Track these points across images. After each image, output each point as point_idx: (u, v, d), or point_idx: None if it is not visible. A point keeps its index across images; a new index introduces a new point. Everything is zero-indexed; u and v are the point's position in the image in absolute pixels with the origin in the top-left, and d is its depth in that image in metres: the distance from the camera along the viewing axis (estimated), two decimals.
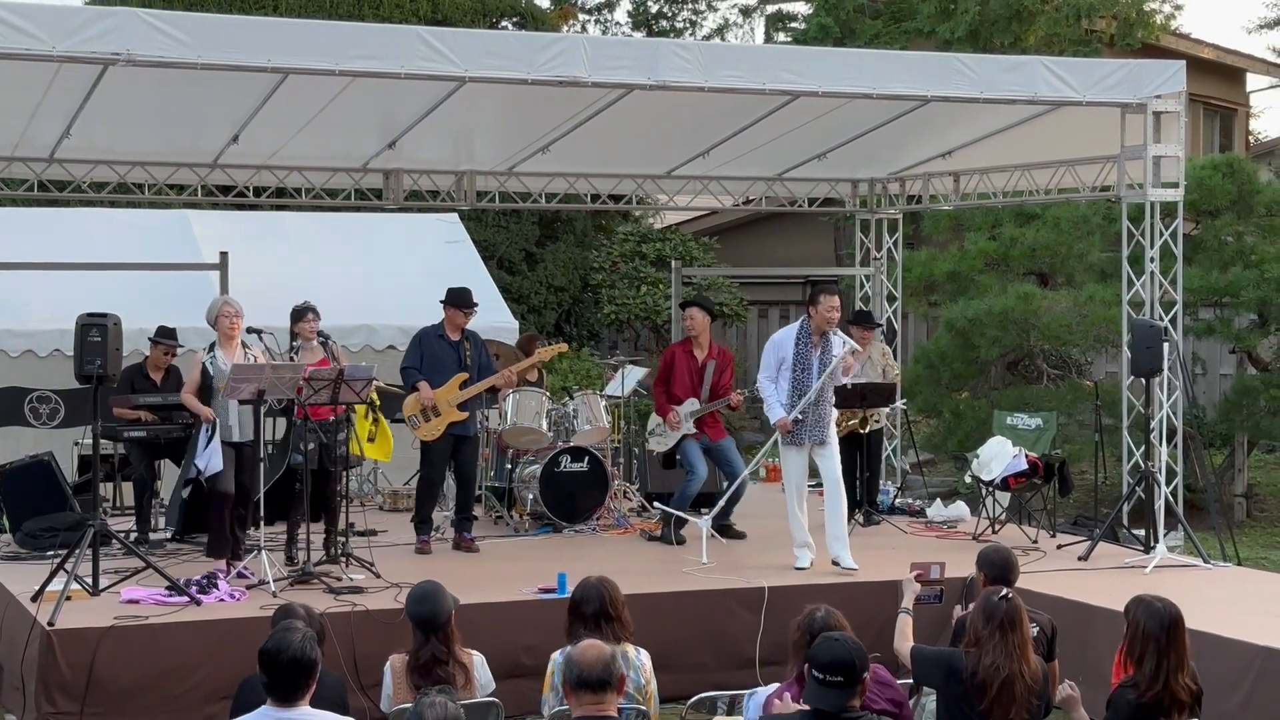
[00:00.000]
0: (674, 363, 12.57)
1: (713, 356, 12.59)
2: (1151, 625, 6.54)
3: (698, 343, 12.60)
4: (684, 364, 12.54)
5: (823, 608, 6.65)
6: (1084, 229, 17.04)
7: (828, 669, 5.75)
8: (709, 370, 12.50)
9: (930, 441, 17.89)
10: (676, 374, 12.52)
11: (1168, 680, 6.47)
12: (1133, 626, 6.61)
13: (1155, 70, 12.25)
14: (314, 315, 11.15)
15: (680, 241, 22.73)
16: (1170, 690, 6.47)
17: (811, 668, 5.81)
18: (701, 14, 30.96)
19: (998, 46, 21.53)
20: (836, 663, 5.76)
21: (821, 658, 5.78)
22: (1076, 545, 11.86)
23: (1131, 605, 6.72)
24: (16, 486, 12.08)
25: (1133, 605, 6.72)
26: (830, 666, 5.76)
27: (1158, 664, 6.49)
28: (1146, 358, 11.61)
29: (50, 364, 14.53)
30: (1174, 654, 6.51)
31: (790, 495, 11.20)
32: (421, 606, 7.00)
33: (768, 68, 11.46)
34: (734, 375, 12.94)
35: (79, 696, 8.75)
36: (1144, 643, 6.54)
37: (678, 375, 12.51)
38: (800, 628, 6.54)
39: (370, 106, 12.23)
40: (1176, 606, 6.64)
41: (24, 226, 15.64)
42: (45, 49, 9.59)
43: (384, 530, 12.33)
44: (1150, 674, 6.50)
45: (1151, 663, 6.50)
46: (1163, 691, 6.46)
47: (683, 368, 12.52)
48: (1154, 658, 6.50)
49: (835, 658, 5.77)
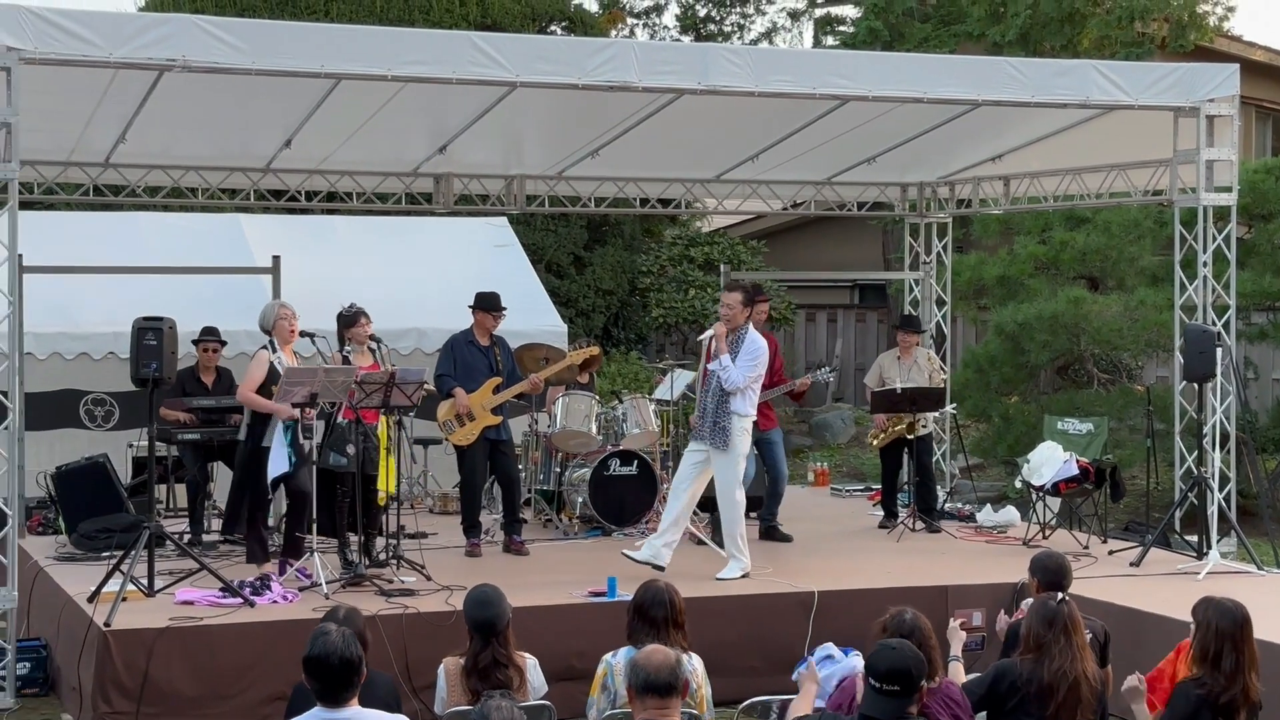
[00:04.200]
0: None
1: None
2: (1225, 623, 6.57)
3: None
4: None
5: (910, 611, 6.59)
6: (1135, 233, 16.95)
7: (885, 678, 5.75)
8: None
9: (979, 446, 17.83)
10: None
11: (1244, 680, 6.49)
12: (1204, 627, 6.62)
13: (1208, 73, 12.17)
14: (367, 319, 11.20)
15: (728, 245, 22.74)
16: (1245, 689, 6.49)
17: (868, 675, 5.81)
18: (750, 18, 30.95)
19: (1049, 50, 21.44)
20: (894, 672, 5.76)
21: (879, 666, 5.78)
22: (1128, 551, 11.82)
23: (1200, 606, 6.76)
24: (72, 488, 12.20)
25: (1201, 606, 6.76)
26: (888, 675, 5.75)
27: (1236, 661, 6.50)
28: (1199, 362, 11.55)
29: (105, 367, 14.67)
30: (1249, 652, 6.54)
31: (724, 505, 11.02)
32: (482, 611, 7.02)
33: (817, 72, 11.45)
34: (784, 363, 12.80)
35: (135, 697, 8.83)
36: (1219, 640, 6.55)
37: None
38: (886, 628, 6.50)
39: (421, 111, 12.29)
40: (1244, 606, 6.68)
41: (79, 231, 15.77)
42: (102, 55, 9.66)
43: (434, 533, 12.39)
44: (1229, 671, 6.51)
45: (1230, 660, 6.52)
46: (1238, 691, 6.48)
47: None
48: (1231, 655, 6.51)
49: (893, 666, 5.76)
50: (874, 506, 14.42)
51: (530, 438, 13.53)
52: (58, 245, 14.40)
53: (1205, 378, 11.68)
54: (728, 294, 11.23)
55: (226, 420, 12.27)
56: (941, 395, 13.65)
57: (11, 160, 9.55)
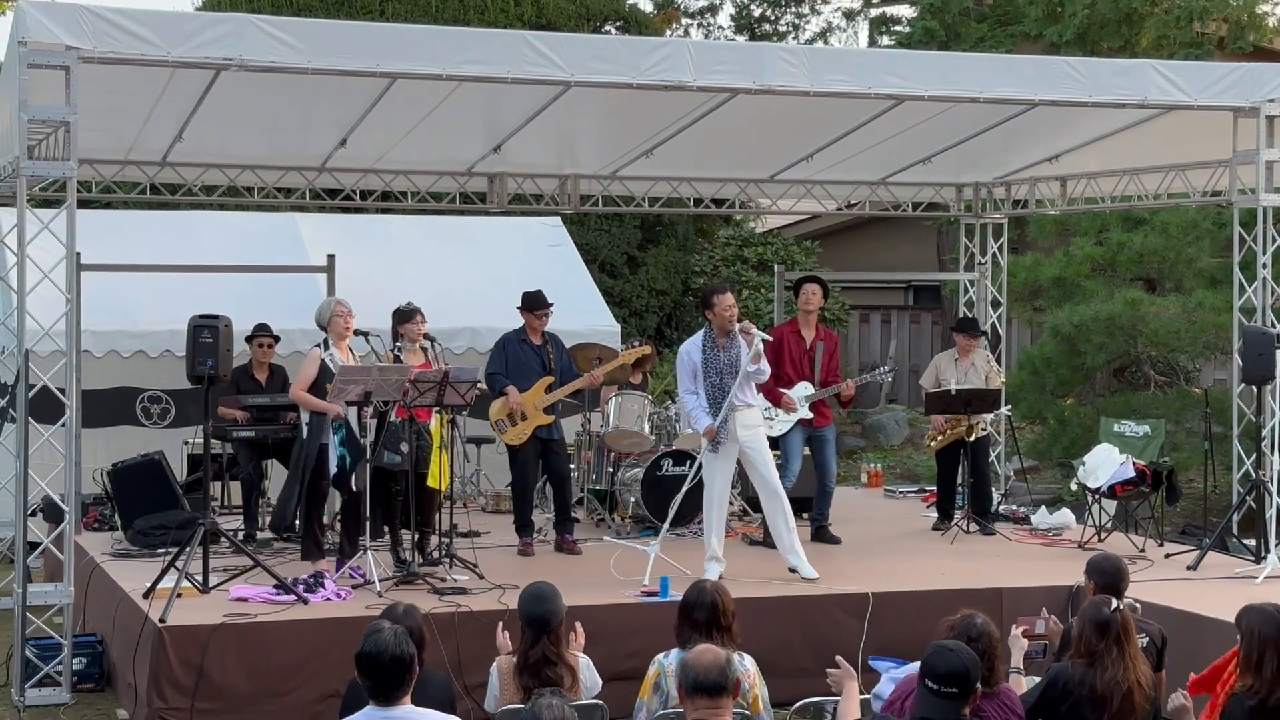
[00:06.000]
0: (782, 343, 12.41)
1: (820, 338, 12.50)
2: (1269, 629, 6.52)
3: (806, 323, 12.49)
4: (793, 344, 12.44)
5: (981, 616, 6.48)
6: (1193, 234, 16.81)
7: (944, 680, 5.72)
8: (819, 352, 12.41)
9: (1035, 448, 17.72)
10: (787, 354, 12.39)
11: None
12: (1247, 635, 6.57)
13: (1269, 74, 12.06)
14: (421, 317, 11.22)
15: (782, 245, 22.69)
16: None
17: (925, 677, 5.77)
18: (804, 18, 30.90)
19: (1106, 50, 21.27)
20: (953, 674, 5.72)
21: (939, 668, 5.74)
22: (1185, 554, 11.71)
23: (1243, 615, 6.71)
24: (128, 485, 12.29)
25: (1244, 614, 6.71)
26: (947, 678, 5.72)
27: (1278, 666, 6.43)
28: (1258, 365, 11.44)
29: (161, 364, 14.76)
30: None
31: (709, 504, 10.80)
32: (537, 606, 7.02)
33: (873, 71, 11.40)
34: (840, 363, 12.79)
35: (189, 692, 8.88)
36: (1261, 646, 6.50)
37: (788, 355, 12.38)
38: (956, 629, 6.43)
39: (476, 111, 12.31)
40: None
41: (136, 229, 15.88)
42: (161, 54, 9.71)
43: (486, 532, 12.40)
44: (1271, 677, 6.44)
45: (1272, 664, 6.44)
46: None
47: (792, 348, 12.42)
48: (1274, 659, 6.44)
49: (952, 669, 5.73)
50: (928, 508, 14.36)
51: (583, 437, 13.53)
52: (115, 244, 14.50)
53: (1264, 380, 11.57)
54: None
55: (281, 418, 12.33)
56: (997, 396, 13.57)
57: (70, 159, 9.62)
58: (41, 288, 9.76)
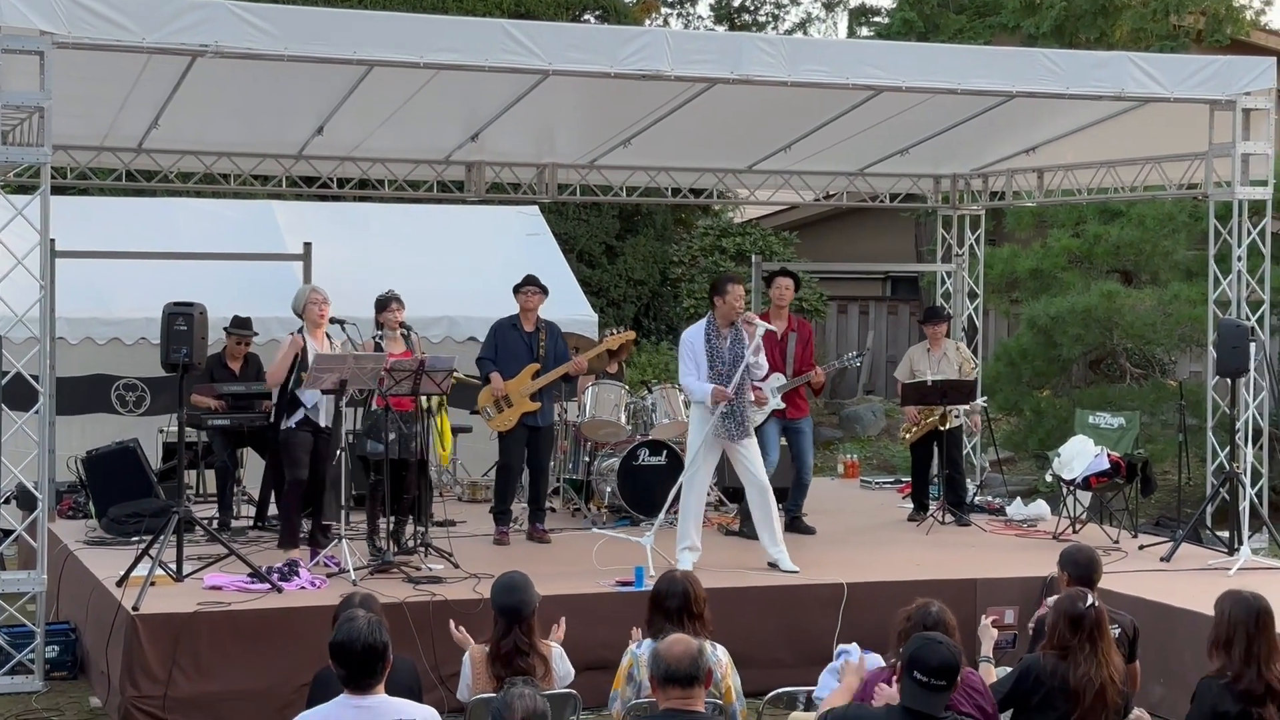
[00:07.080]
0: None
1: (793, 329, 12.48)
2: (1239, 612, 6.60)
3: (778, 315, 12.49)
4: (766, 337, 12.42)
5: (936, 604, 6.58)
6: (1169, 227, 16.85)
7: (934, 673, 5.73)
8: (790, 343, 12.40)
9: (1011, 439, 17.76)
10: None
11: (1259, 668, 6.47)
12: (1220, 617, 6.67)
13: (1245, 67, 12.10)
14: (398, 305, 11.21)
15: (760, 236, 22.69)
16: (1264, 679, 6.47)
17: (914, 669, 5.77)
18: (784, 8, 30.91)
19: (1084, 42, 21.34)
20: (944, 666, 5.75)
21: (929, 661, 5.75)
22: (1159, 546, 11.75)
23: (1220, 599, 6.81)
24: (102, 472, 12.24)
25: (1221, 599, 6.81)
26: (938, 670, 5.74)
27: (1247, 649, 6.52)
28: (1232, 357, 11.49)
29: (136, 352, 14.72)
30: (1264, 642, 6.53)
31: (689, 493, 10.76)
32: (509, 596, 7.03)
33: (851, 62, 11.40)
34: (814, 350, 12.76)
35: (163, 681, 8.86)
36: (1230, 629, 6.59)
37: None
38: (911, 619, 6.47)
39: (453, 99, 12.27)
40: (1265, 599, 6.70)
41: (111, 215, 15.83)
42: (135, 40, 9.68)
43: (463, 521, 12.37)
44: (1241, 659, 6.52)
45: (1241, 647, 6.53)
46: (1255, 680, 6.46)
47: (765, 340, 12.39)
48: (1243, 643, 6.54)
49: (943, 661, 5.75)
50: (904, 499, 14.38)
51: (560, 427, 13.53)
52: (90, 230, 14.45)
53: (1238, 373, 11.62)
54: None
55: (256, 406, 12.29)
56: (973, 387, 13.59)
57: (45, 145, 9.59)
58: (15, 274, 9.71)
